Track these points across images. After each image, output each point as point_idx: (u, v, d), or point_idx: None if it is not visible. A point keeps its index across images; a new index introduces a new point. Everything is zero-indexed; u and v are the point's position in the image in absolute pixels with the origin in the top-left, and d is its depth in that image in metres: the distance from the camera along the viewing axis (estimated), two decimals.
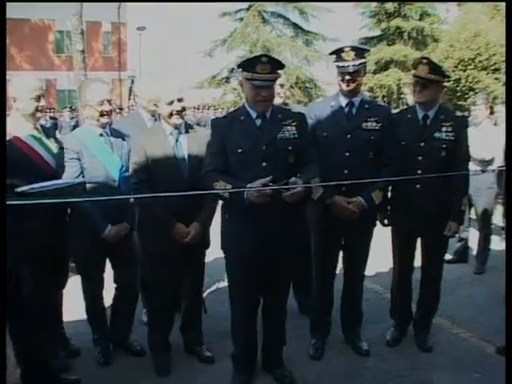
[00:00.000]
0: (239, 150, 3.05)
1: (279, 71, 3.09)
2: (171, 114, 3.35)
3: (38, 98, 3.21)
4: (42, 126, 3.40)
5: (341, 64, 3.47)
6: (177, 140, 3.40)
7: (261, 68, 2.97)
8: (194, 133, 3.50)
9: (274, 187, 2.79)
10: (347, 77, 3.48)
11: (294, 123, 3.13)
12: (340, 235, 3.63)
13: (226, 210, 3.21)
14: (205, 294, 4.45)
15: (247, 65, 3.03)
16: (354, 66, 3.45)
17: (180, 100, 3.35)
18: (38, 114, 3.28)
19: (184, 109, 3.41)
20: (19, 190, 2.87)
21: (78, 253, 3.51)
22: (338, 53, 3.49)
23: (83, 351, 3.65)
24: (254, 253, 3.09)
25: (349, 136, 3.50)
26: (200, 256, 3.63)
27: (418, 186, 3.60)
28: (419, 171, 3.58)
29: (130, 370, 3.51)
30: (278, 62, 3.04)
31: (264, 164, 3.01)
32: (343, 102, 3.59)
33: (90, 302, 3.60)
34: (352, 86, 3.51)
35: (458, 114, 3.90)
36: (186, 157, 3.39)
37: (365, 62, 3.53)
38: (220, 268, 3.42)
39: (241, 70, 3.08)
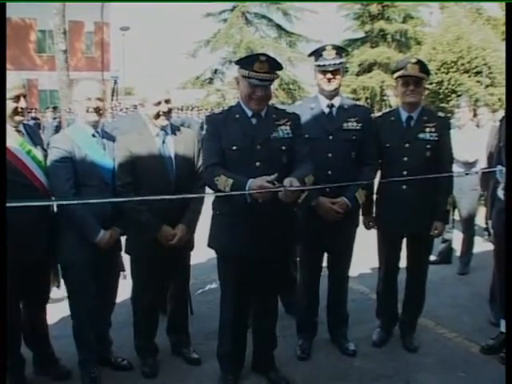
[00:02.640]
0: (234, 148, 3.04)
1: (277, 72, 3.07)
2: (158, 115, 3.31)
3: (17, 99, 2.99)
4: (25, 126, 3.21)
5: (322, 63, 3.50)
6: (163, 142, 3.37)
7: (258, 67, 2.96)
8: (181, 134, 3.47)
9: (276, 189, 2.76)
10: (329, 75, 3.51)
11: (289, 123, 3.13)
12: (323, 236, 3.63)
13: (217, 207, 3.19)
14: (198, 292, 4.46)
15: (245, 62, 3.03)
16: (335, 64, 3.48)
17: (167, 101, 3.32)
18: (18, 118, 3.04)
19: (171, 110, 3.39)
20: None
21: (66, 264, 3.28)
22: (319, 52, 3.52)
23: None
24: (248, 250, 3.07)
25: (330, 137, 3.53)
26: (185, 258, 3.61)
27: (404, 186, 3.63)
28: (405, 172, 3.62)
29: (119, 377, 3.48)
30: (275, 62, 3.03)
31: (258, 164, 3.00)
32: (323, 103, 3.61)
33: (78, 319, 3.34)
34: (333, 84, 3.54)
35: (441, 114, 3.95)
36: (173, 158, 3.36)
37: (344, 63, 3.57)
38: (207, 270, 3.39)
39: (238, 67, 3.07)
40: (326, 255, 3.82)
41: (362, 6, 27.31)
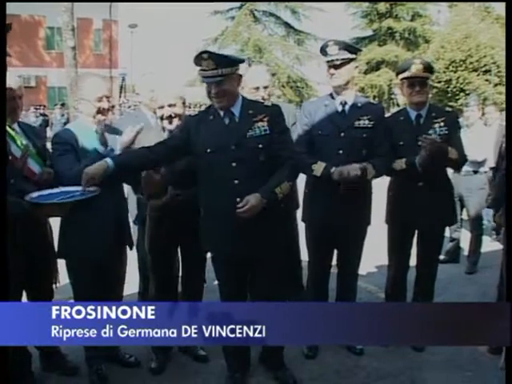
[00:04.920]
0: (208, 151, 3.00)
1: (233, 67, 2.97)
2: (161, 118, 3.34)
3: (13, 99, 2.98)
4: (20, 124, 3.16)
5: (326, 58, 3.52)
6: None
7: (205, 65, 2.92)
8: None
9: None
10: (331, 70, 3.52)
11: (266, 118, 3.03)
12: (334, 233, 3.64)
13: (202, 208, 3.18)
14: None
15: (196, 63, 2.98)
16: (337, 59, 3.48)
17: (171, 105, 3.30)
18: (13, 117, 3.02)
19: (175, 115, 3.33)
20: (27, 197, 2.86)
21: (70, 261, 3.28)
22: (323, 49, 3.54)
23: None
24: (232, 249, 3.06)
25: (342, 134, 3.53)
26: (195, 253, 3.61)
27: (420, 183, 3.63)
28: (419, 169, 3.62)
29: (125, 373, 3.49)
30: (222, 58, 2.95)
31: (233, 164, 2.96)
32: (337, 100, 3.61)
33: None
34: (336, 80, 3.53)
35: (449, 109, 3.97)
36: None
37: (352, 58, 3.52)
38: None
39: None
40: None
41: (370, 4, 27.30)
